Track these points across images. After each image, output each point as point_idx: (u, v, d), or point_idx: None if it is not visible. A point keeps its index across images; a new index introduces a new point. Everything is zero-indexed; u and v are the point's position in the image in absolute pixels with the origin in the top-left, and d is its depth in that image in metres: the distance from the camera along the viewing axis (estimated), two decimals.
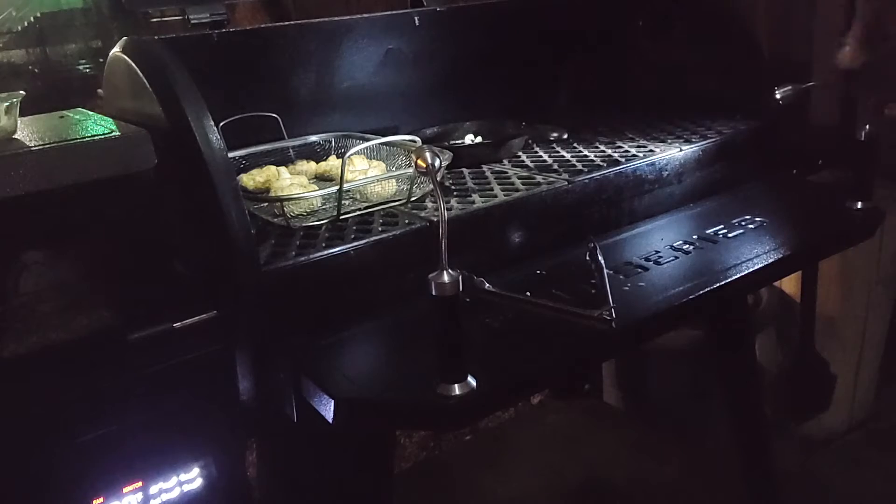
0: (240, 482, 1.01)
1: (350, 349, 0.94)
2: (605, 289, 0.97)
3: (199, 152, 0.87)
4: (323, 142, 1.41)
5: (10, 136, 0.87)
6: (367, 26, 1.43)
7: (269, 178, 1.22)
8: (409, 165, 1.18)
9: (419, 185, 1.14)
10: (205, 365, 0.91)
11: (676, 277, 1.05)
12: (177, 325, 0.89)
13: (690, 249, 1.14)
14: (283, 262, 0.96)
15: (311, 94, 1.44)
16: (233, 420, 0.96)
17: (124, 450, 0.89)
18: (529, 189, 1.18)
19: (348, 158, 1.07)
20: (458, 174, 1.30)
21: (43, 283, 0.85)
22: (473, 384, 0.80)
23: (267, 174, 1.23)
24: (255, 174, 1.23)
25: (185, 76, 0.93)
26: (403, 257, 1.02)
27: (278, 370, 0.93)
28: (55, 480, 0.86)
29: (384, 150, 1.31)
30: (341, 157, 1.13)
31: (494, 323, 0.95)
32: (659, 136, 1.45)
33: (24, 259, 0.84)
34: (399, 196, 1.15)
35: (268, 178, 1.22)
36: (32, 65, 2.94)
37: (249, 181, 1.21)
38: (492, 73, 1.61)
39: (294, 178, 1.22)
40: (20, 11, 2.86)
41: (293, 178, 1.21)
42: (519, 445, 2.11)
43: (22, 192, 0.80)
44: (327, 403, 0.85)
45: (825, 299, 1.96)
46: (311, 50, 1.39)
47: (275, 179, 1.21)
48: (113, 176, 0.86)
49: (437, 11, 1.52)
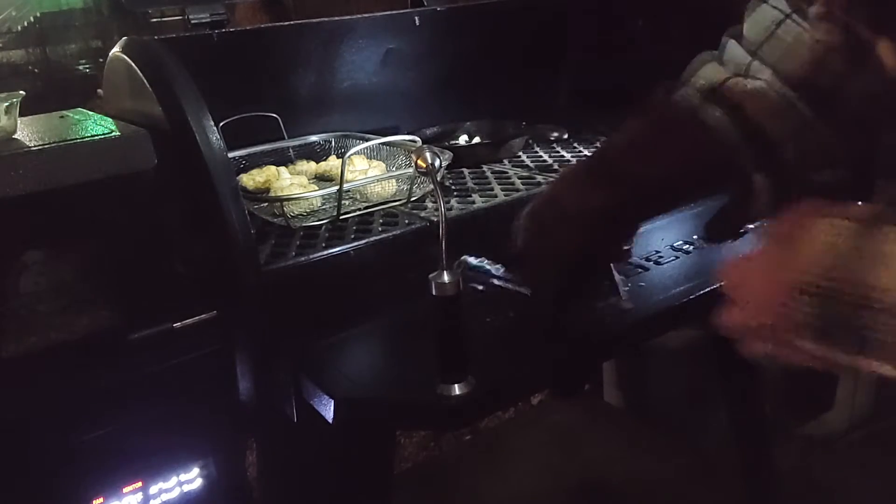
0: (240, 482, 1.01)
1: (350, 349, 0.94)
2: (614, 278, 0.98)
3: (199, 152, 0.87)
4: (323, 142, 1.41)
5: (10, 136, 0.87)
6: (367, 26, 1.43)
7: (269, 178, 1.21)
8: (408, 165, 1.18)
9: (419, 185, 1.14)
10: (205, 365, 0.91)
11: (677, 277, 1.05)
12: (177, 325, 0.89)
13: (690, 249, 1.14)
14: (283, 262, 0.96)
15: (311, 94, 1.44)
16: (233, 420, 0.96)
17: (124, 450, 0.89)
18: (529, 189, 1.18)
19: (348, 158, 1.07)
20: (458, 174, 1.30)
21: (43, 283, 0.85)
22: (473, 384, 0.80)
23: (267, 174, 1.23)
24: (254, 174, 1.23)
25: (185, 76, 0.93)
26: (403, 257, 1.02)
27: (278, 370, 0.93)
28: (55, 480, 0.86)
29: (384, 150, 1.31)
30: (341, 157, 1.13)
31: (495, 322, 0.95)
32: None
33: (24, 259, 0.84)
34: (399, 196, 1.15)
35: (268, 178, 1.22)
36: (32, 65, 2.94)
37: (249, 181, 1.21)
38: (492, 73, 1.60)
39: (294, 178, 1.22)
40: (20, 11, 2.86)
41: (293, 178, 1.21)
42: (519, 445, 2.10)
43: (22, 192, 0.80)
44: (327, 403, 0.85)
45: None
46: (311, 50, 1.39)
47: (275, 179, 1.21)
48: (113, 176, 0.86)
49: (437, 11, 1.52)
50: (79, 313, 0.87)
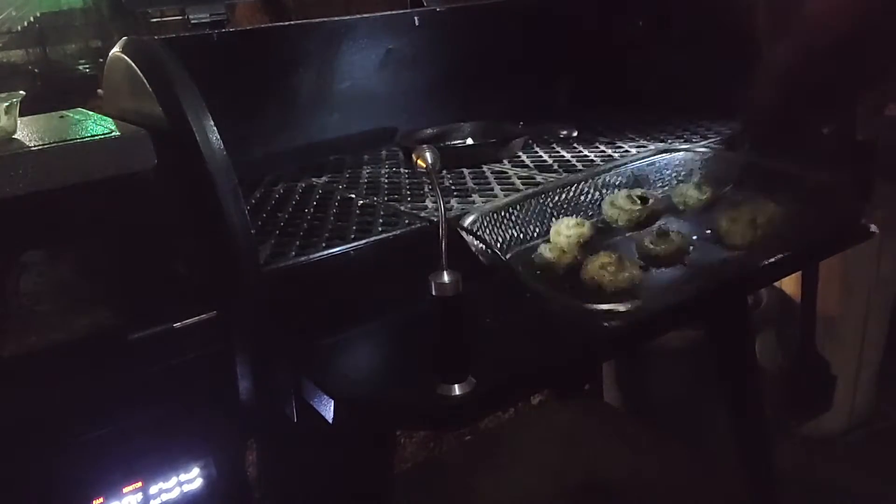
0: (240, 482, 1.01)
1: (350, 349, 0.94)
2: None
3: (199, 152, 0.87)
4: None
5: (9, 136, 0.87)
6: (367, 26, 1.43)
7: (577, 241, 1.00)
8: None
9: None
10: (205, 365, 0.91)
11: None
12: (177, 325, 0.89)
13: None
14: (283, 262, 0.96)
15: (311, 94, 1.44)
16: (233, 420, 0.96)
17: (124, 450, 0.89)
18: (529, 189, 1.18)
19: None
20: (459, 174, 1.30)
21: (43, 283, 0.85)
22: (473, 384, 0.80)
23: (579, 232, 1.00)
24: (562, 230, 1.01)
25: (185, 76, 0.93)
26: (403, 257, 1.02)
27: (278, 370, 0.93)
28: (55, 480, 0.86)
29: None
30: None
31: (495, 322, 0.95)
32: (659, 136, 1.45)
33: (24, 259, 0.84)
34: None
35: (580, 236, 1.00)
36: (32, 65, 2.94)
37: (555, 248, 0.99)
38: (492, 73, 1.61)
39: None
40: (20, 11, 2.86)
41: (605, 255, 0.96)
42: (519, 445, 2.10)
43: (22, 192, 0.80)
44: (327, 403, 0.85)
45: (825, 299, 1.96)
46: (311, 50, 1.39)
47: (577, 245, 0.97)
48: (113, 176, 0.86)
49: (436, 11, 1.52)
50: (79, 313, 0.87)
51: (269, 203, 1.24)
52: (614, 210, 1.10)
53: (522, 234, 1.10)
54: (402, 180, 1.31)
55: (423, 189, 1.23)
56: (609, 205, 1.11)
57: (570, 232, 1.03)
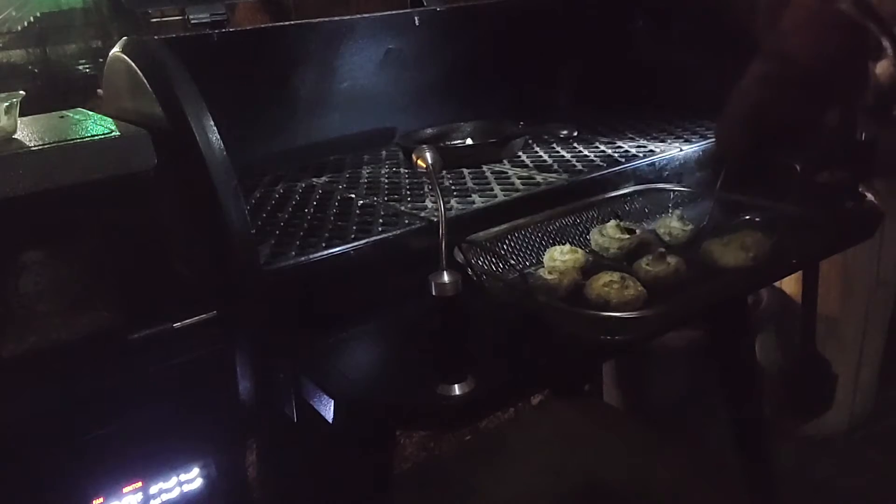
0: (240, 482, 1.01)
1: (350, 349, 0.94)
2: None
3: (200, 152, 0.87)
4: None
5: (9, 136, 0.87)
6: (367, 26, 1.43)
7: (573, 266, 1.01)
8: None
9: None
10: (204, 365, 0.91)
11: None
12: (177, 325, 0.89)
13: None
14: (283, 262, 0.96)
15: (310, 94, 1.44)
16: (233, 420, 0.96)
17: (124, 450, 0.89)
18: (529, 189, 1.18)
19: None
20: (458, 174, 1.30)
21: (43, 283, 0.85)
22: (473, 384, 0.80)
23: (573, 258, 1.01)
24: (556, 255, 1.02)
25: (185, 76, 0.93)
26: (403, 257, 1.02)
27: (278, 370, 0.93)
28: (55, 480, 0.86)
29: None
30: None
31: (495, 323, 0.95)
32: (659, 136, 1.45)
33: (24, 259, 0.84)
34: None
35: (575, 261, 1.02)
36: (32, 65, 2.94)
37: (552, 271, 0.99)
38: (492, 73, 1.61)
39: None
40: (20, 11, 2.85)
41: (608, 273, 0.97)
42: (519, 445, 2.10)
43: (22, 192, 0.80)
44: (327, 403, 0.85)
45: (825, 299, 1.96)
46: (311, 50, 1.39)
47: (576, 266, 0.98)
48: (113, 176, 0.86)
49: (436, 11, 1.52)
50: (79, 313, 0.87)
51: (269, 203, 1.24)
52: (604, 239, 1.09)
53: (511, 264, 1.07)
54: (402, 180, 1.31)
55: (423, 189, 1.23)
56: (598, 234, 1.11)
57: (564, 258, 1.03)
